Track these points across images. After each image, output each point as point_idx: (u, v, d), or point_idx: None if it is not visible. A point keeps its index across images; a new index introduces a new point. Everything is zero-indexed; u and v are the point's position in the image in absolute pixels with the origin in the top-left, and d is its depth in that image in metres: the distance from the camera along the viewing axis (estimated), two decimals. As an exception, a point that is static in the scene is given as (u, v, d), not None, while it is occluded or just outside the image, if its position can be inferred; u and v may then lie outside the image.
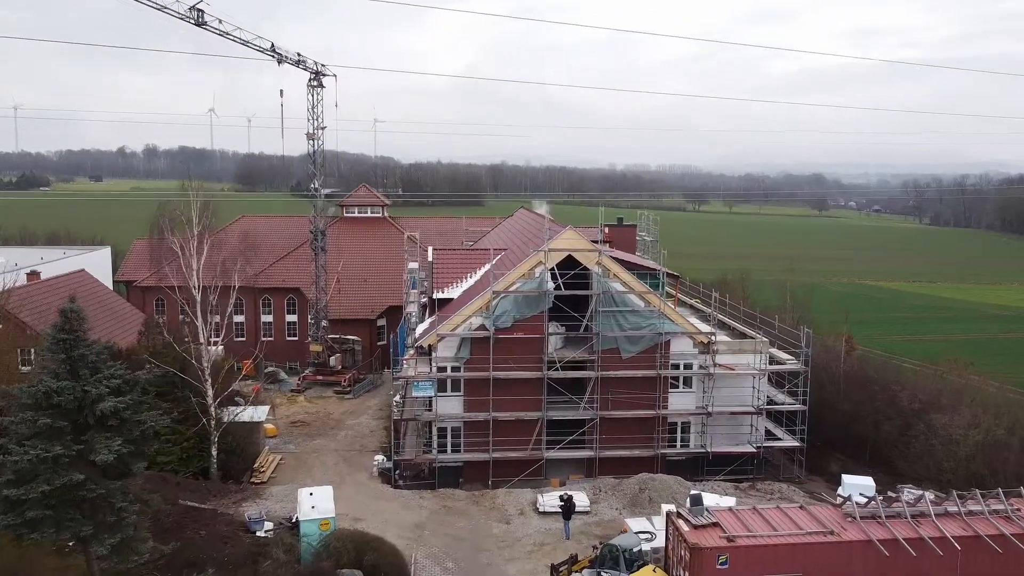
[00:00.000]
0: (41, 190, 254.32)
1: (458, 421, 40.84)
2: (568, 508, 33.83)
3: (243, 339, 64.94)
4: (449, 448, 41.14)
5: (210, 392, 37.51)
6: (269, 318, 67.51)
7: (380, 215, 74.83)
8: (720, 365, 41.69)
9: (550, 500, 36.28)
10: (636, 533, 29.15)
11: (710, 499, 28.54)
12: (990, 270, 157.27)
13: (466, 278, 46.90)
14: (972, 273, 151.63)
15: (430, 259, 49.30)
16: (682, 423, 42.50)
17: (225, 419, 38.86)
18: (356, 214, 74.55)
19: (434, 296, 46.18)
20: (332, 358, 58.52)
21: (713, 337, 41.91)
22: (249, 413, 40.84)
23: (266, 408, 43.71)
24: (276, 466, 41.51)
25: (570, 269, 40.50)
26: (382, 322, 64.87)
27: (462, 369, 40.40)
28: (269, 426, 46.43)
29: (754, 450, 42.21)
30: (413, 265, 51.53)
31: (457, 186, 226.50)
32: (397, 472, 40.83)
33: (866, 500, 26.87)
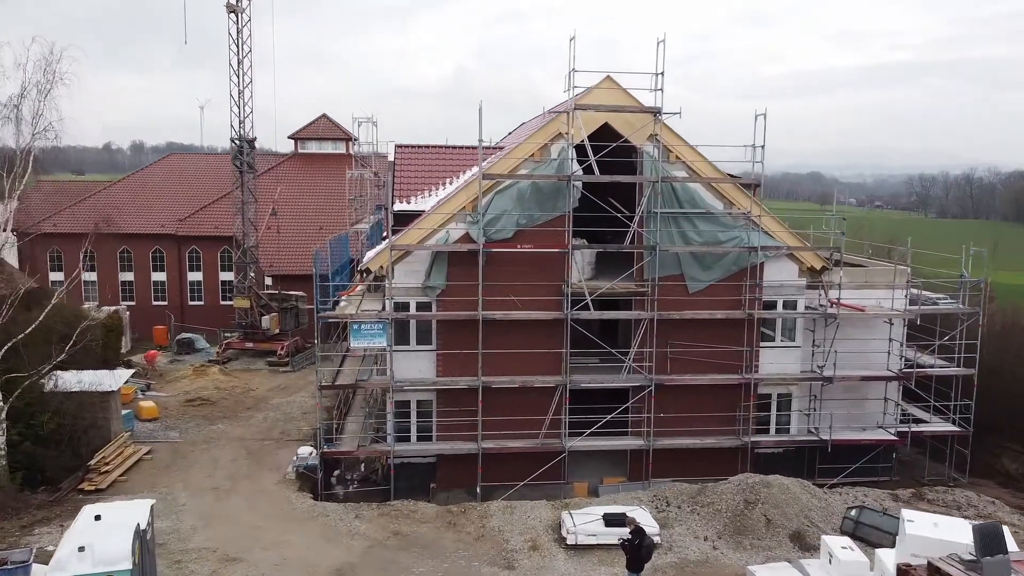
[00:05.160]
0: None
1: (428, 390, 25.52)
2: (639, 550, 17.30)
3: (164, 303, 51.86)
4: (414, 434, 25.86)
5: (-13, 332, 21.93)
6: (198, 276, 53.58)
7: (343, 151, 59.69)
8: (842, 304, 26.50)
9: (585, 523, 20.61)
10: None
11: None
12: (1021, 256, 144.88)
13: (443, 185, 31.41)
14: (1007, 260, 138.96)
15: (391, 159, 33.73)
16: (778, 396, 27.31)
17: (47, 386, 23.40)
18: (314, 150, 60.06)
19: (394, 209, 30.62)
20: (266, 319, 43.10)
21: (830, 263, 26.78)
22: (87, 378, 25.19)
23: (124, 373, 28.05)
24: (135, 463, 25.90)
25: (608, 143, 25.17)
26: (340, 278, 50.01)
27: (434, 306, 25.08)
28: (147, 404, 30.99)
29: (894, 438, 27.07)
30: (365, 172, 35.88)
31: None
32: (335, 475, 25.75)
33: None
